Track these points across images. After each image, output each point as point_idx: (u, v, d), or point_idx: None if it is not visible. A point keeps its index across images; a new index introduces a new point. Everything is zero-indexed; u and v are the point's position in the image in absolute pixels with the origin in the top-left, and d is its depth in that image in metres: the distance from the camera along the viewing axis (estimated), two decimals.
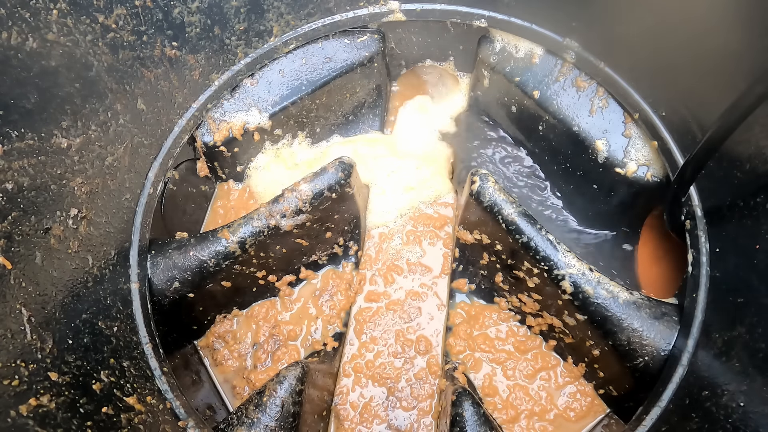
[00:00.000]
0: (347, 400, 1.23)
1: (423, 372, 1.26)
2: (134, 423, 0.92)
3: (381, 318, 1.32)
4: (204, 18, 1.21)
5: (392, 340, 1.29)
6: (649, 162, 1.20)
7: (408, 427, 1.20)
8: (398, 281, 1.36)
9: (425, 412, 1.22)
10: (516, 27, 1.32)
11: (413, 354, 1.28)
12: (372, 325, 1.31)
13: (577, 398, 1.21)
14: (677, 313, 1.07)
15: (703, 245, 1.06)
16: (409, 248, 1.40)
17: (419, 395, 1.23)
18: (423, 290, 1.35)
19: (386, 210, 1.44)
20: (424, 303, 1.34)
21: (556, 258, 1.08)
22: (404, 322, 1.31)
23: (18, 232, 0.79)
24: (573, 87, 1.29)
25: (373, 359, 1.27)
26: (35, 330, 0.79)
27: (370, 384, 1.25)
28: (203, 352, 1.29)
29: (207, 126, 1.31)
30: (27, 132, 0.83)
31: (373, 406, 1.23)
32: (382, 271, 1.37)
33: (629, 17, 1.13)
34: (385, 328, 1.30)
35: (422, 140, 1.57)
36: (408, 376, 1.25)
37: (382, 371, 1.26)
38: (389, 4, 1.36)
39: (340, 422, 1.21)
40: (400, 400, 1.23)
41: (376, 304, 1.34)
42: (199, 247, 1.13)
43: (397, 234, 1.42)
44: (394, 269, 1.37)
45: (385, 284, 1.36)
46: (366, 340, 1.30)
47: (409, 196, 1.46)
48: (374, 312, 1.33)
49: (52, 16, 0.89)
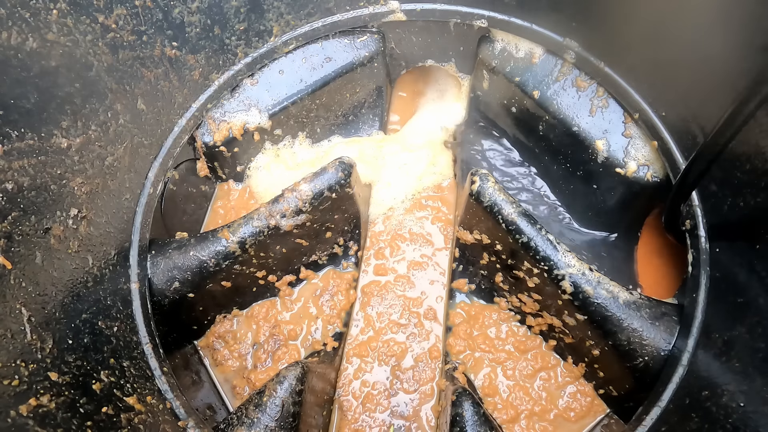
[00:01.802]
0: (349, 390, 1.25)
1: (426, 348, 1.28)
2: (134, 423, 0.92)
3: (387, 291, 1.37)
4: (204, 18, 1.21)
5: (397, 311, 1.34)
6: (649, 162, 1.20)
7: (411, 413, 1.22)
8: (402, 249, 1.42)
9: (427, 396, 1.23)
10: (516, 27, 1.32)
11: (417, 322, 1.32)
12: (378, 299, 1.35)
13: (577, 398, 1.21)
14: (677, 313, 1.07)
15: (703, 245, 1.06)
16: (412, 219, 1.46)
17: (421, 378, 1.25)
18: (424, 260, 1.40)
19: (392, 196, 1.50)
20: (425, 272, 1.38)
21: (556, 258, 1.08)
22: (408, 291, 1.37)
23: (18, 232, 0.79)
24: (573, 87, 1.29)
25: (378, 335, 1.31)
26: (35, 330, 0.79)
27: (374, 365, 1.27)
28: (203, 352, 1.29)
29: (207, 126, 1.31)
30: (27, 132, 0.83)
31: (375, 395, 1.23)
32: (387, 241, 1.43)
33: (629, 17, 1.13)
34: (391, 302, 1.35)
35: (423, 137, 1.58)
36: (413, 351, 1.28)
37: (387, 349, 1.28)
38: (389, 4, 1.36)
39: (344, 413, 1.22)
40: (402, 382, 1.25)
41: (384, 278, 1.38)
42: (199, 247, 1.13)
43: (400, 210, 1.48)
44: (398, 238, 1.42)
45: (390, 254, 1.41)
46: (371, 314, 1.33)
47: (412, 185, 1.50)
48: (381, 286, 1.37)
49: (52, 16, 0.89)
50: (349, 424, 1.21)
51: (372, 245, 1.42)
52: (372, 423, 1.21)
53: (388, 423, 1.21)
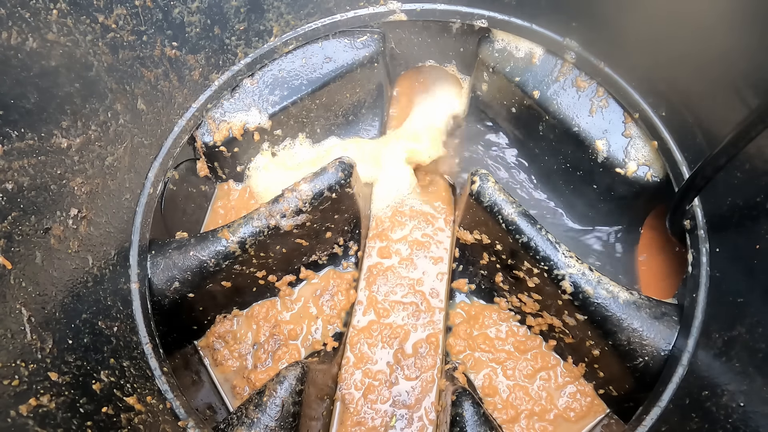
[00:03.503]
0: (351, 383, 1.25)
1: (429, 326, 1.30)
2: (134, 423, 0.92)
3: (391, 272, 1.38)
4: (204, 18, 1.21)
5: (401, 290, 1.35)
6: (649, 162, 1.20)
7: (413, 402, 1.23)
8: (406, 225, 1.44)
9: (428, 383, 1.24)
10: (516, 27, 1.32)
11: (421, 300, 1.34)
12: (384, 279, 1.37)
13: (577, 398, 1.21)
14: (677, 313, 1.07)
15: (703, 245, 1.06)
16: (413, 198, 1.50)
17: (423, 366, 1.26)
18: (425, 240, 1.41)
19: (393, 195, 1.51)
20: (428, 251, 1.40)
21: (556, 258, 1.08)
22: (411, 271, 1.38)
23: (18, 232, 0.79)
24: (573, 87, 1.29)
25: (381, 317, 1.32)
26: (35, 330, 0.79)
27: (377, 349, 1.28)
28: (203, 352, 1.29)
29: (207, 126, 1.31)
30: (27, 132, 0.83)
31: (376, 386, 1.24)
32: (388, 217, 1.46)
33: (629, 17, 1.13)
34: (396, 281, 1.37)
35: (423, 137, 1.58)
36: (416, 333, 1.30)
37: (391, 331, 1.30)
38: (389, 4, 1.36)
39: (346, 406, 1.23)
40: (404, 368, 1.26)
41: (387, 260, 1.40)
42: (199, 247, 1.13)
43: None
44: (398, 214, 1.45)
45: (392, 229, 1.43)
46: (376, 292, 1.35)
47: (412, 184, 1.52)
48: (385, 267, 1.39)
49: (52, 16, 0.89)
50: (351, 417, 1.21)
51: (376, 227, 1.45)
52: (374, 414, 1.22)
53: (390, 414, 1.21)
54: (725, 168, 0.92)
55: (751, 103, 0.92)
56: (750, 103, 0.92)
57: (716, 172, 0.94)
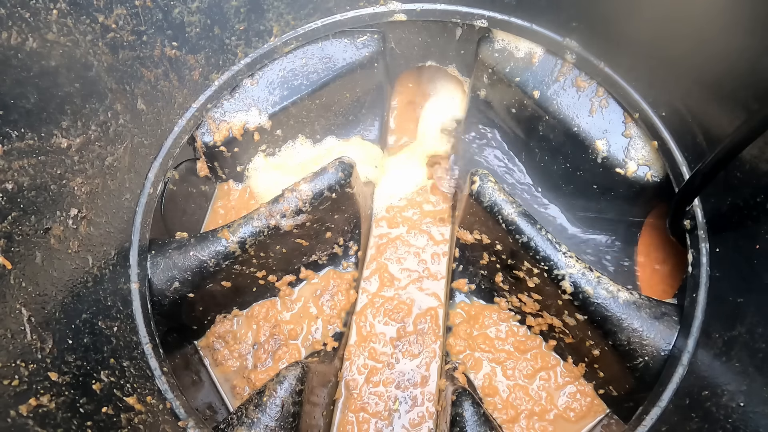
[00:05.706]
0: (353, 368, 1.27)
1: (431, 302, 1.33)
2: (134, 423, 0.92)
3: (397, 243, 1.44)
4: (204, 18, 1.21)
5: (405, 261, 1.42)
6: (649, 162, 1.20)
7: (420, 380, 1.25)
8: (406, 225, 1.51)
9: (430, 358, 1.27)
10: (516, 27, 1.32)
11: (424, 269, 1.40)
12: (393, 250, 1.42)
13: (577, 398, 1.21)
14: (677, 313, 1.07)
15: (703, 245, 1.06)
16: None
17: (425, 342, 1.28)
18: (427, 221, 1.49)
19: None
20: (430, 229, 1.47)
21: (556, 258, 1.08)
22: (415, 243, 1.46)
23: (18, 232, 0.79)
24: (573, 87, 1.29)
25: (385, 290, 1.37)
26: (35, 330, 0.79)
27: (380, 325, 1.32)
28: (203, 352, 1.29)
29: (207, 126, 1.31)
30: (27, 132, 0.83)
31: (379, 369, 1.26)
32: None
33: (629, 17, 1.13)
34: (400, 254, 1.42)
35: (423, 136, 1.59)
36: (419, 305, 1.34)
37: (394, 305, 1.33)
38: (389, 4, 1.36)
39: (349, 392, 1.23)
40: (409, 344, 1.29)
41: (395, 230, 1.46)
42: (199, 247, 1.13)
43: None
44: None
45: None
46: (382, 262, 1.40)
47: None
48: (391, 238, 1.44)
49: (52, 16, 0.89)
50: (354, 402, 1.21)
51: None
52: (378, 399, 1.23)
53: (393, 397, 1.22)
54: (725, 168, 0.92)
55: (751, 104, 0.92)
56: (750, 103, 0.92)
57: (716, 172, 0.94)
